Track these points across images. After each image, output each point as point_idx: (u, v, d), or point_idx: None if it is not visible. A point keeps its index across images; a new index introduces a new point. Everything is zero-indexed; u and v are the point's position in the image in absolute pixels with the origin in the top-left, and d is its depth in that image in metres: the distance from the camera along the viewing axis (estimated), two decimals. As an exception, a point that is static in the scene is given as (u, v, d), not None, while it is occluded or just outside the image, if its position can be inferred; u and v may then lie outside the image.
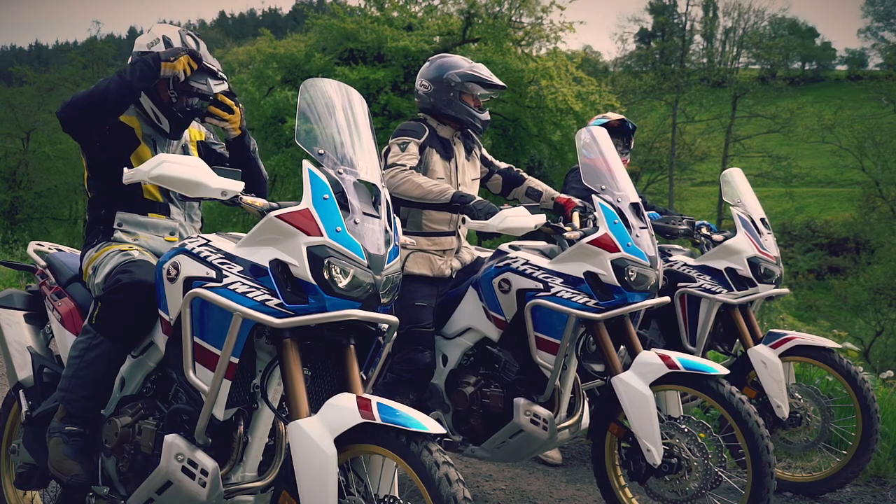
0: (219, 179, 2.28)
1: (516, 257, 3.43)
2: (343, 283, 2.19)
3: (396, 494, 2.19)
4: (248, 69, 24.17)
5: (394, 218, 2.40)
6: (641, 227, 3.36)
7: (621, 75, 37.56)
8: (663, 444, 3.21)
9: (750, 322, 4.21)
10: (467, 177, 3.74)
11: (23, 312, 3.05)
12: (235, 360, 2.25)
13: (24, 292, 3.15)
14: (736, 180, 4.51)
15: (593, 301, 3.23)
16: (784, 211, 32.83)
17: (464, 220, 3.22)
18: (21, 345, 2.97)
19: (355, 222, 2.26)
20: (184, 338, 2.31)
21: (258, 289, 2.23)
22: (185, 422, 2.38)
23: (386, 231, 2.33)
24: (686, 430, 3.24)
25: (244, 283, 2.24)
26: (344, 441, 2.11)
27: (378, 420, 2.07)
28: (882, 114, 33.99)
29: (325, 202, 2.24)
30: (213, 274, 2.30)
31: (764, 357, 3.94)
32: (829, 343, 3.97)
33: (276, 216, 2.24)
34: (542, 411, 3.36)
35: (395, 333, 3.29)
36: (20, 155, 30.33)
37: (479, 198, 3.38)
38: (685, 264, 4.31)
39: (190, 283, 2.33)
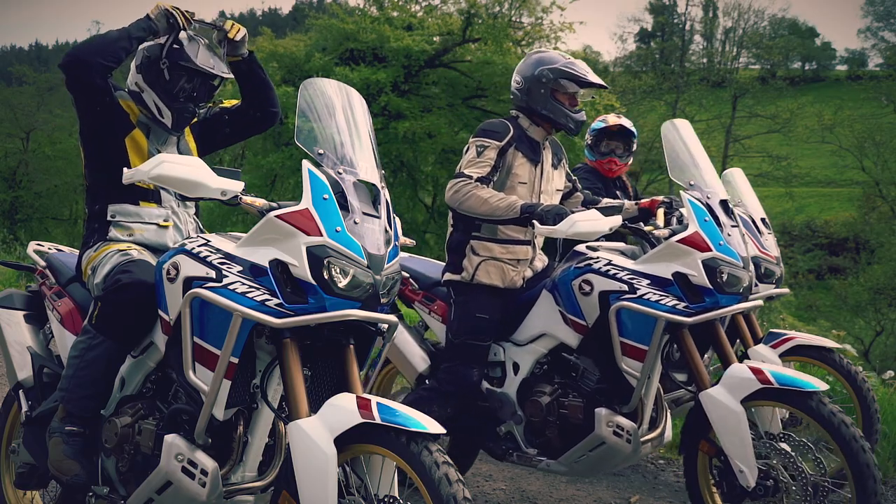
0: (218, 179, 2.28)
1: (598, 257, 3.24)
2: (343, 283, 2.19)
3: (396, 494, 2.19)
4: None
5: (393, 218, 2.40)
6: (732, 226, 3.20)
7: (621, 75, 37.51)
8: (758, 464, 3.00)
9: (751, 322, 4.18)
10: (552, 185, 3.51)
11: (23, 312, 3.05)
12: (235, 360, 2.25)
13: (24, 292, 3.15)
14: (737, 180, 4.50)
15: (683, 304, 3.06)
16: (784, 211, 32.81)
17: (532, 226, 3.08)
18: (21, 345, 2.98)
19: (355, 222, 2.26)
20: (184, 338, 2.31)
21: (258, 289, 2.23)
22: (184, 422, 2.38)
23: (386, 231, 2.33)
24: (783, 449, 3.02)
25: (244, 283, 2.24)
26: (344, 441, 2.11)
27: (378, 420, 2.07)
28: (882, 114, 33.97)
29: (325, 202, 2.24)
30: (212, 274, 2.30)
31: (764, 357, 3.91)
32: (829, 343, 3.96)
33: (275, 216, 2.24)
34: (626, 422, 3.16)
35: (449, 342, 3.30)
36: (20, 155, 30.34)
37: (548, 203, 3.24)
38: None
39: (190, 283, 2.33)
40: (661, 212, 3.42)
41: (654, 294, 3.08)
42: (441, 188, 23.89)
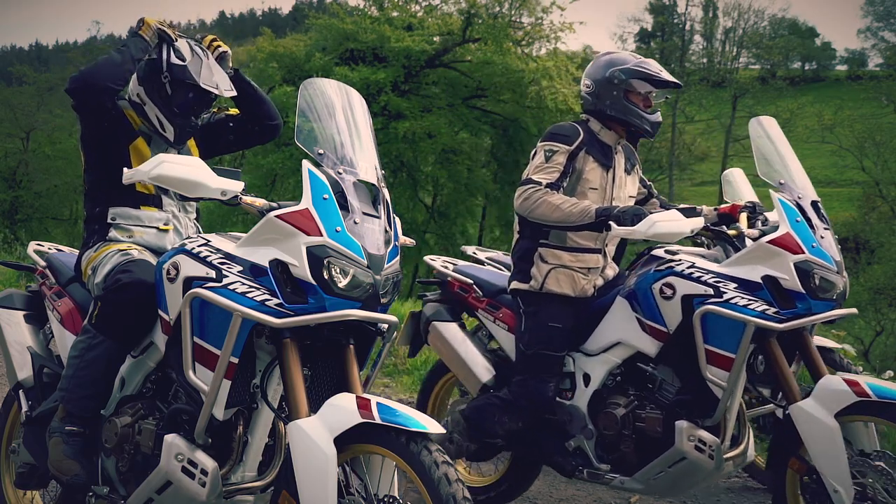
0: (218, 179, 2.28)
1: (680, 260, 3.09)
2: (343, 283, 2.19)
3: (396, 494, 2.19)
4: (248, 68, 24.18)
5: (393, 218, 2.40)
6: (825, 228, 3.06)
7: (621, 75, 37.53)
8: (854, 483, 2.81)
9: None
10: (624, 192, 3.37)
11: (23, 312, 3.06)
12: (235, 360, 2.25)
13: (24, 292, 3.15)
14: (737, 180, 4.46)
15: (773, 309, 2.89)
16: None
17: (608, 228, 2.95)
18: (21, 345, 2.98)
19: (355, 222, 2.26)
20: (183, 338, 2.31)
21: (258, 289, 2.23)
22: (184, 422, 2.38)
23: (385, 231, 2.33)
24: (882, 467, 2.83)
25: (244, 283, 2.25)
26: (344, 441, 2.11)
27: (378, 420, 2.07)
28: (882, 114, 33.97)
29: (325, 202, 2.24)
30: (212, 274, 2.30)
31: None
32: (828, 343, 3.93)
33: (275, 216, 2.25)
34: (709, 437, 2.97)
35: (520, 353, 3.22)
36: (20, 155, 30.33)
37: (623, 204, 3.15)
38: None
39: (190, 283, 2.33)
40: (743, 216, 3.21)
41: (742, 298, 2.92)
42: (441, 188, 23.91)
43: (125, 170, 2.31)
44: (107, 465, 2.56)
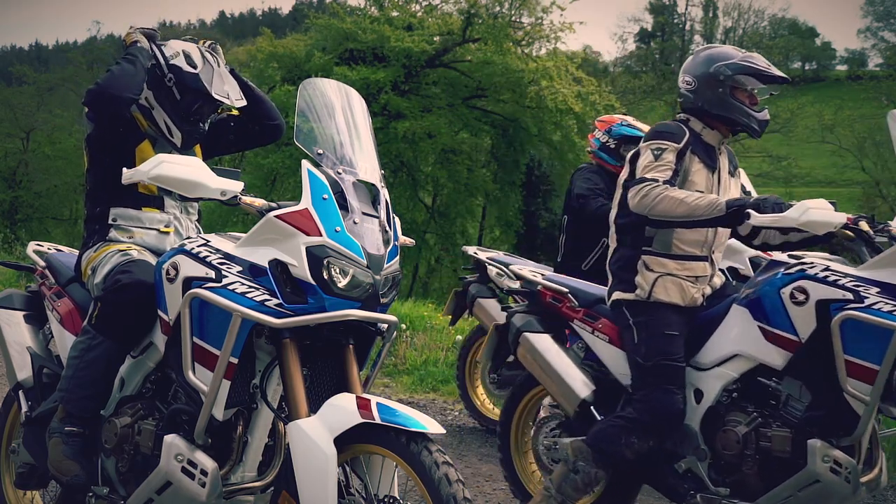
0: (218, 179, 2.28)
1: (812, 262, 2.88)
2: (342, 283, 2.19)
3: (396, 494, 2.19)
4: (248, 68, 24.20)
5: (393, 218, 2.40)
6: None
7: (621, 75, 37.51)
8: None
9: None
10: (729, 195, 3.14)
11: (22, 313, 3.05)
12: (235, 361, 2.25)
13: (23, 292, 3.15)
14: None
15: None
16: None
17: (744, 219, 2.75)
18: (21, 345, 2.98)
19: (354, 222, 2.26)
20: (183, 338, 2.31)
21: (257, 289, 2.23)
22: (184, 422, 2.38)
23: (385, 231, 2.33)
24: None
25: (243, 284, 2.25)
26: (344, 441, 2.11)
27: (378, 420, 2.07)
28: (882, 114, 33.81)
29: (325, 202, 2.24)
30: (212, 274, 2.30)
31: None
32: None
33: (275, 216, 2.25)
34: (845, 458, 2.75)
35: (639, 367, 2.99)
36: (20, 155, 30.33)
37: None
38: None
39: (189, 283, 2.33)
40: (863, 223, 3.03)
41: (887, 304, 2.72)
42: (441, 188, 23.90)
43: (125, 170, 2.31)
44: (107, 466, 2.56)
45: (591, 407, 3.18)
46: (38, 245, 3.20)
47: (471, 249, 5.20)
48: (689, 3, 40.86)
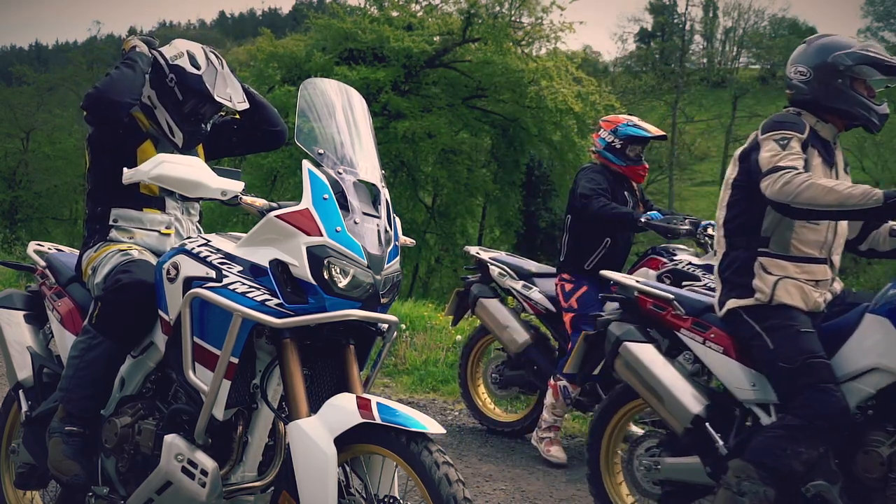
0: (218, 179, 2.28)
1: None
2: (343, 283, 2.19)
3: (396, 494, 2.19)
4: (248, 68, 24.20)
5: (393, 218, 2.40)
6: None
7: (621, 75, 37.58)
8: None
9: None
10: None
11: (23, 312, 3.05)
12: (235, 360, 2.25)
13: (24, 292, 3.15)
14: None
15: None
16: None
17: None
18: (21, 345, 2.97)
19: (355, 222, 2.26)
20: (183, 338, 2.31)
21: (258, 289, 2.23)
22: (184, 422, 2.38)
23: (386, 231, 2.33)
24: None
25: (244, 283, 2.25)
26: (344, 441, 2.10)
27: (378, 420, 2.07)
28: (882, 114, 34.00)
29: (325, 202, 2.24)
30: (212, 274, 2.30)
31: None
32: None
33: (275, 216, 2.24)
34: None
35: (787, 370, 2.74)
36: (20, 155, 30.36)
37: None
38: (690, 263, 4.24)
39: (190, 283, 2.33)
40: None
41: None
42: (441, 188, 23.91)
43: (125, 169, 2.31)
44: (107, 466, 2.56)
45: (707, 423, 2.97)
46: (39, 245, 3.20)
47: (472, 249, 5.21)
48: (689, 3, 40.91)
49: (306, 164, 2.29)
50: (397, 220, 2.43)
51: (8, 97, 32.29)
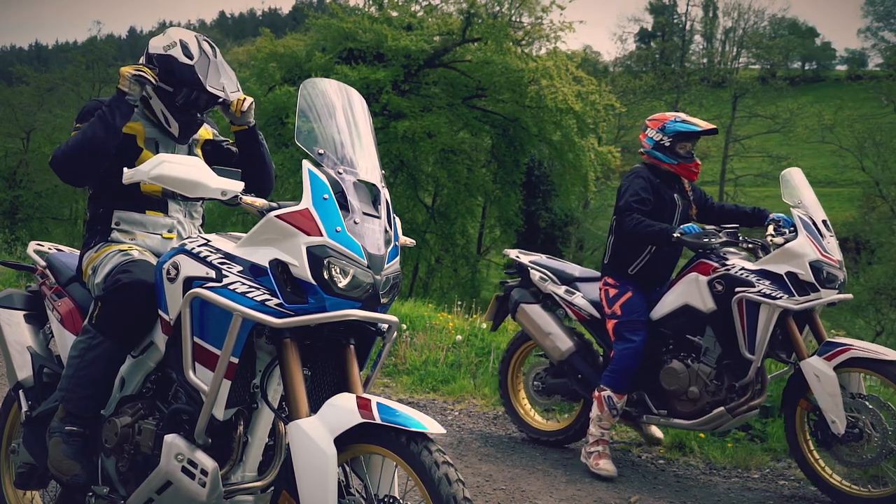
0: (218, 179, 2.28)
1: None
2: (343, 283, 2.19)
3: (396, 494, 2.19)
4: (248, 68, 24.20)
5: (394, 218, 2.40)
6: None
7: (621, 75, 37.56)
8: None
9: (816, 328, 4.12)
10: None
11: (23, 312, 3.05)
12: (235, 360, 2.25)
13: (24, 292, 3.15)
14: (796, 180, 4.32)
15: None
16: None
17: None
18: (21, 345, 2.97)
19: (355, 222, 2.26)
20: (183, 338, 2.31)
21: (258, 289, 2.23)
22: (184, 422, 2.37)
23: (386, 231, 2.33)
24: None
25: (244, 283, 2.24)
26: (344, 441, 2.10)
27: (378, 420, 2.06)
28: (882, 114, 33.96)
29: (325, 202, 2.24)
30: (212, 274, 2.30)
31: (817, 370, 3.84)
32: (890, 355, 3.81)
33: (275, 216, 2.24)
34: None
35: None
36: (20, 155, 30.37)
37: None
38: (743, 269, 4.10)
39: (190, 282, 2.33)
40: None
41: None
42: (441, 188, 23.92)
43: (125, 169, 2.31)
44: (107, 465, 2.56)
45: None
46: (39, 245, 3.19)
47: (512, 253, 5.05)
48: (690, 3, 40.89)
49: (306, 164, 2.29)
50: (397, 220, 2.43)
51: (8, 97, 32.32)
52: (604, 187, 28.54)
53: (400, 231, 2.44)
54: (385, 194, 2.40)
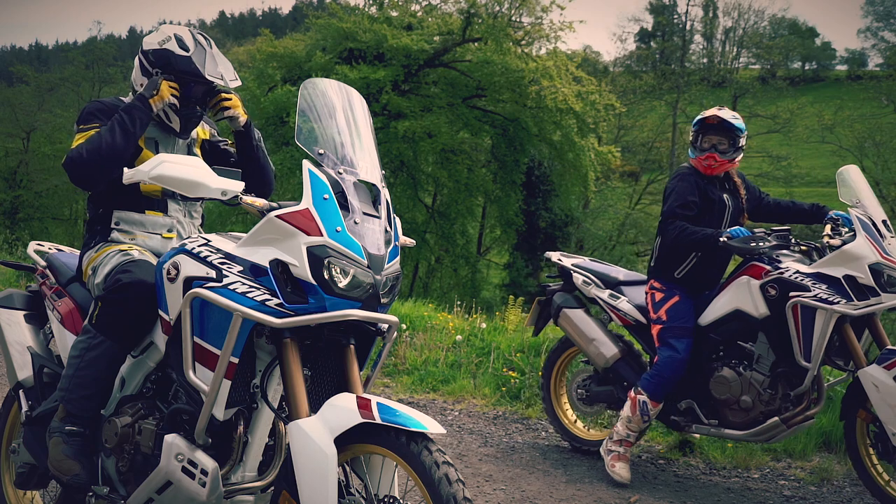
0: (219, 179, 2.28)
1: None
2: (343, 283, 2.19)
3: (396, 494, 2.19)
4: (248, 68, 24.21)
5: (394, 218, 2.40)
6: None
7: (621, 75, 37.56)
8: None
9: (878, 334, 3.96)
10: None
11: (23, 312, 3.06)
12: (235, 360, 2.25)
13: (24, 292, 3.15)
14: (853, 179, 4.19)
15: None
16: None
17: None
18: (21, 345, 2.98)
19: (355, 222, 2.26)
20: (184, 338, 2.31)
21: (258, 289, 2.23)
22: (185, 422, 2.38)
23: (386, 231, 2.33)
24: None
25: (244, 283, 2.25)
26: (344, 441, 2.11)
27: (378, 420, 2.07)
28: (882, 114, 33.94)
29: (325, 202, 2.24)
30: (213, 274, 2.30)
31: (876, 379, 3.69)
32: None
33: (276, 216, 2.24)
34: None
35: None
36: (20, 155, 30.37)
37: None
38: (798, 272, 3.92)
39: (190, 282, 2.33)
40: None
41: None
42: (441, 188, 23.92)
43: (125, 169, 2.31)
44: (107, 465, 2.56)
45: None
46: (39, 245, 3.20)
47: (554, 256, 4.84)
48: (690, 3, 40.87)
49: (306, 164, 2.29)
50: (397, 220, 2.43)
51: (8, 97, 32.32)
52: (604, 187, 28.55)
53: (400, 231, 2.44)
54: (385, 194, 2.40)
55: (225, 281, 2.27)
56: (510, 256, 26.43)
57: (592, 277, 4.56)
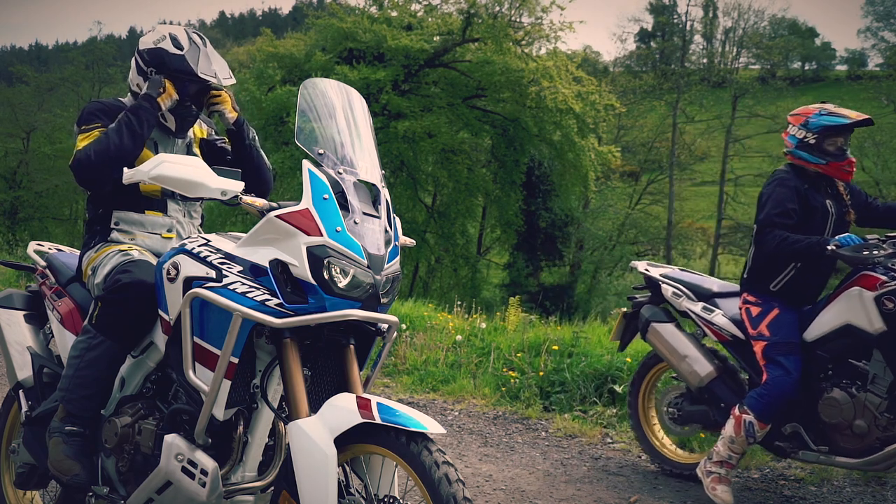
0: (218, 179, 2.28)
1: None
2: (343, 283, 2.19)
3: (396, 494, 2.19)
4: (248, 69, 24.22)
5: (394, 218, 2.40)
6: None
7: (621, 75, 37.57)
8: None
9: None
10: None
11: (23, 312, 3.06)
12: (235, 360, 2.25)
13: (24, 292, 3.15)
14: None
15: None
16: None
17: None
18: (21, 345, 2.98)
19: (355, 222, 2.26)
20: (184, 338, 2.31)
21: (258, 289, 2.23)
22: (184, 422, 2.38)
23: (386, 231, 2.33)
24: None
25: (244, 283, 2.25)
26: (344, 441, 2.11)
27: (378, 420, 2.07)
28: (882, 114, 33.93)
29: (325, 202, 2.24)
30: (212, 274, 2.30)
31: None
32: None
33: (275, 216, 2.24)
34: None
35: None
36: (20, 155, 30.38)
37: None
38: None
39: (190, 283, 2.33)
40: None
41: None
42: (441, 188, 23.93)
43: (125, 169, 2.31)
44: (107, 465, 2.56)
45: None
46: (39, 245, 3.20)
47: (640, 265, 4.49)
48: (690, 3, 40.87)
49: (306, 164, 2.29)
50: (397, 220, 2.43)
51: (8, 97, 32.32)
52: (604, 187, 28.55)
53: (400, 231, 2.44)
54: (385, 194, 2.40)
55: (225, 281, 2.27)
56: (510, 256, 26.44)
57: (683, 289, 4.22)
